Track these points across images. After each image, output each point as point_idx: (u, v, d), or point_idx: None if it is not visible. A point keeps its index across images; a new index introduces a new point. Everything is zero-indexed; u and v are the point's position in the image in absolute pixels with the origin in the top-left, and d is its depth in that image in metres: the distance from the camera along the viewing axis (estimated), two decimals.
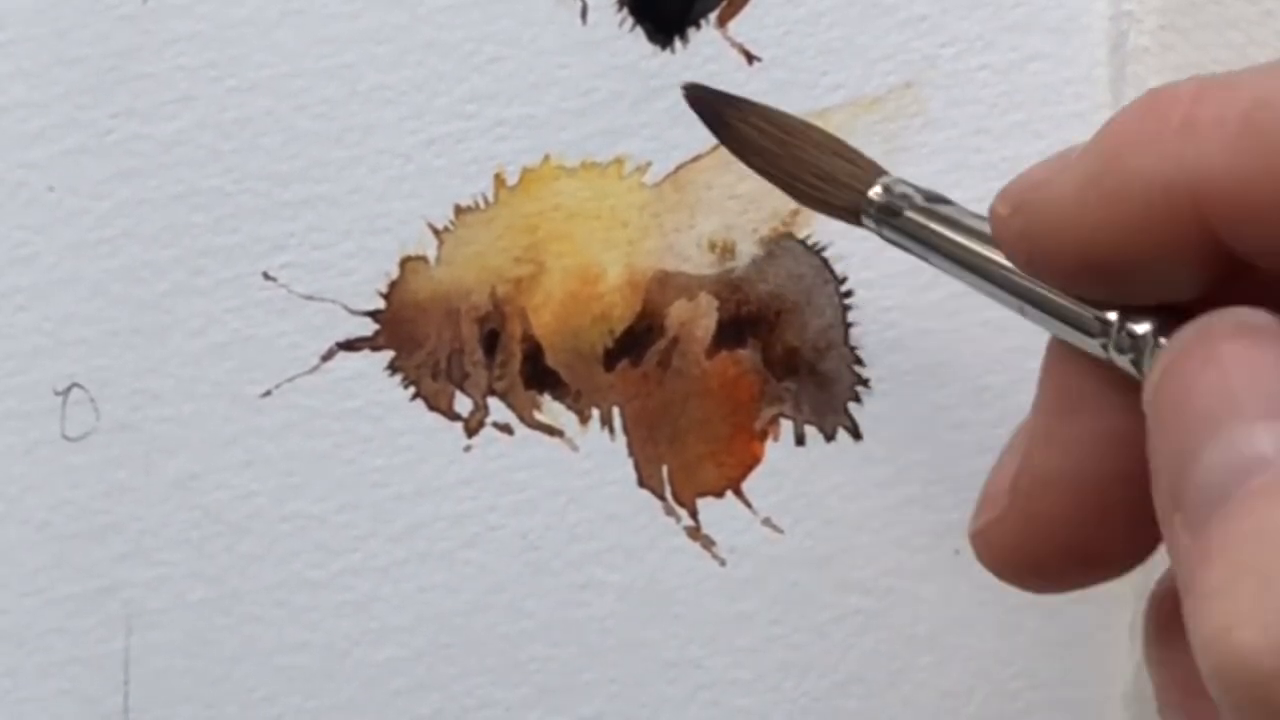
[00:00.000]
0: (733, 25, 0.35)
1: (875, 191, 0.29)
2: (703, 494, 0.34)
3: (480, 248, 0.35)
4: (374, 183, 0.35)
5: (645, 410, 0.34)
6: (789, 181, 0.30)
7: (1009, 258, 0.26)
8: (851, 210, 0.29)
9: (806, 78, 0.34)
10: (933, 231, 0.28)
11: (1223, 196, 0.22)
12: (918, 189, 0.28)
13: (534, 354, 0.34)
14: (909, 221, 0.28)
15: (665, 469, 0.34)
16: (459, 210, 0.35)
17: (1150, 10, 0.33)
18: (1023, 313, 0.26)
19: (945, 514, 0.33)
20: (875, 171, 0.29)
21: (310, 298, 0.35)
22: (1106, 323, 0.25)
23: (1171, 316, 0.24)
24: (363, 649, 0.34)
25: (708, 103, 0.31)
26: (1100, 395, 0.25)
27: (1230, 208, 0.22)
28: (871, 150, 0.34)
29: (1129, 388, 0.24)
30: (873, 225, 0.29)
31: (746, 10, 0.35)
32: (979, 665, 0.33)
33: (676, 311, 0.34)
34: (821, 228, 0.34)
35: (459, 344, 0.34)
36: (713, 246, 0.34)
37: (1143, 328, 0.24)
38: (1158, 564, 0.26)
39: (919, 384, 0.34)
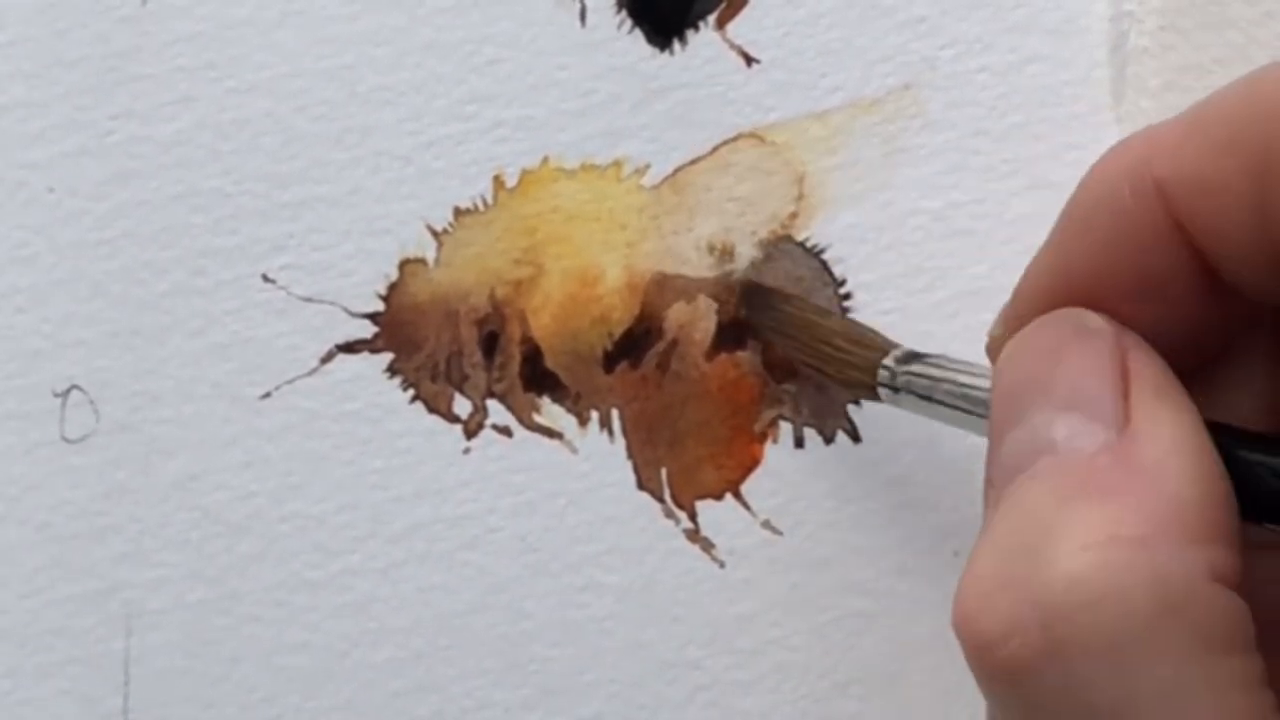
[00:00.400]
0: (732, 27, 0.35)
1: (882, 375, 0.30)
2: (702, 496, 0.34)
3: (479, 250, 0.35)
4: (373, 184, 0.35)
5: (644, 412, 0.34)
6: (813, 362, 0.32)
7: None
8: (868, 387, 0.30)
9: (805, 79, 0.34)
10: (937, 396, 0.29)
11: (1182, 183, 0.23)
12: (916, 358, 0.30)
13: (533, 356, 0.34)
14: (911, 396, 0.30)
15: (664, 471, 0.34)
16: (458, 212, 0.35)
17: (1150, 11, 0.33)
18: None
19: (945, 515, 0.33)
20: (883, 350, 0.30)
21: (309, 300, 0.35)
22: None
23: None
24: (362, 650, 0.34)
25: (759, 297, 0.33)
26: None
27: (1189, 192, 0.23)
28: (871, 152, 0.34)
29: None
30: (889, 396, 0.30)
31: (745, 12, 0.35)
32: None
33: (675, 314, 0.34)
34: (820, 230, 0.34)
35: (458, 346, 0.34)
36: (712, 249, 0.34)
37: None
38: None
39: None
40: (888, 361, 0.30)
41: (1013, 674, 0.22)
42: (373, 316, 0.35)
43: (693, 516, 0.34)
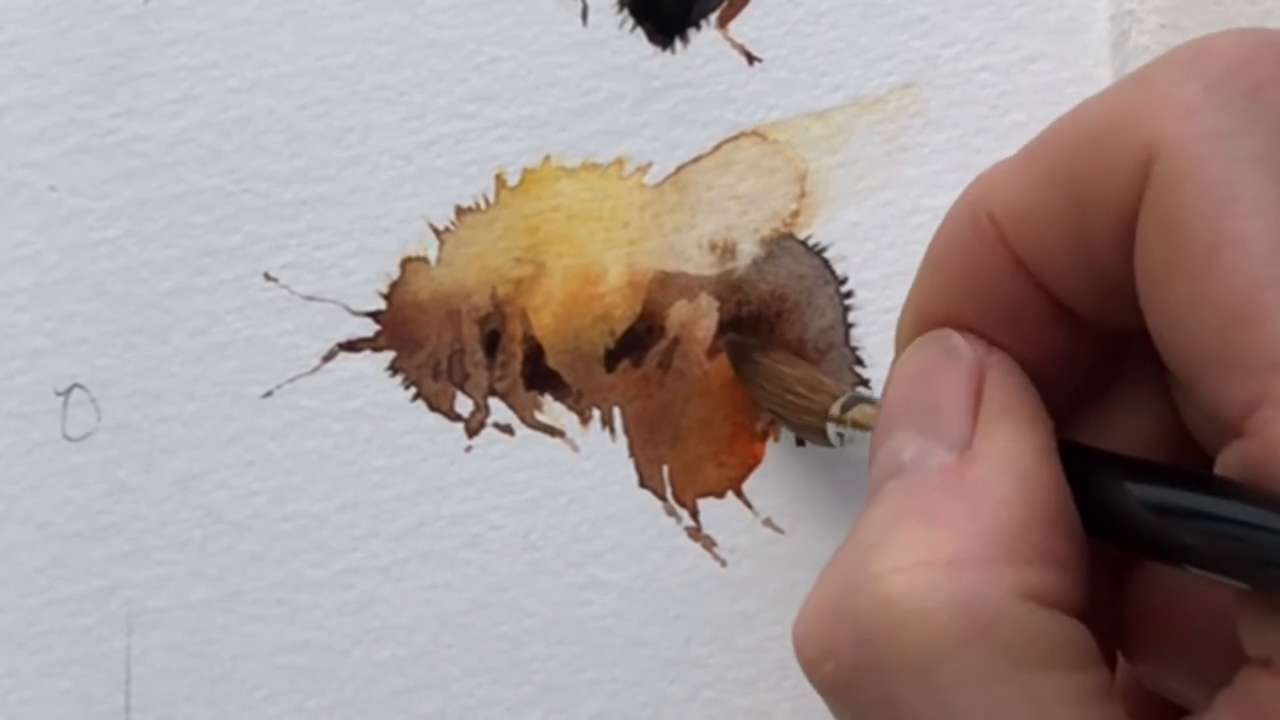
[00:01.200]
0: (733, 26, 0.35)
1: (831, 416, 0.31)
2: (703, 494, 0.34)
3: (481, 248, 0.35)
4: (375, 183, 0.35)
5: (646, 411, 0.34)
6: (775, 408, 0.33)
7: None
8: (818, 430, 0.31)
9: (807, 78, 0.34)
10: None
11: (1011, 212, 0.24)
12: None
13: (535, 355, 0.34)
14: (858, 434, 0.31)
15: (666, 469, 0.34)
16: (460, 211, 0.35)
17: (1151, 10, 0.33)
18: None
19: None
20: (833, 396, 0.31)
21: (311, 298, 0.35)
22: None
23: None
24: (364, 648, 0.34)
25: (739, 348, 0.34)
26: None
27: (1018, 221, 0.24)
28: (872, 150, 0.34)
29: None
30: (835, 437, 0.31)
31: (747, 11, 0.35)
32: None
33: (677, 312, 0.34)
34: (822, 229, 0.34)
35: (460, 345, 0.34)
36: (713, 247, 0.34)
37: None
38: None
39: None
40: (834, 408, 0.31)
41: (834, 690, 0.23)
42: (374, 315, 0.35)
43: (694, 515, 0.34)
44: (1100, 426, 0.26)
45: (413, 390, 0.34)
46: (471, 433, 0.34)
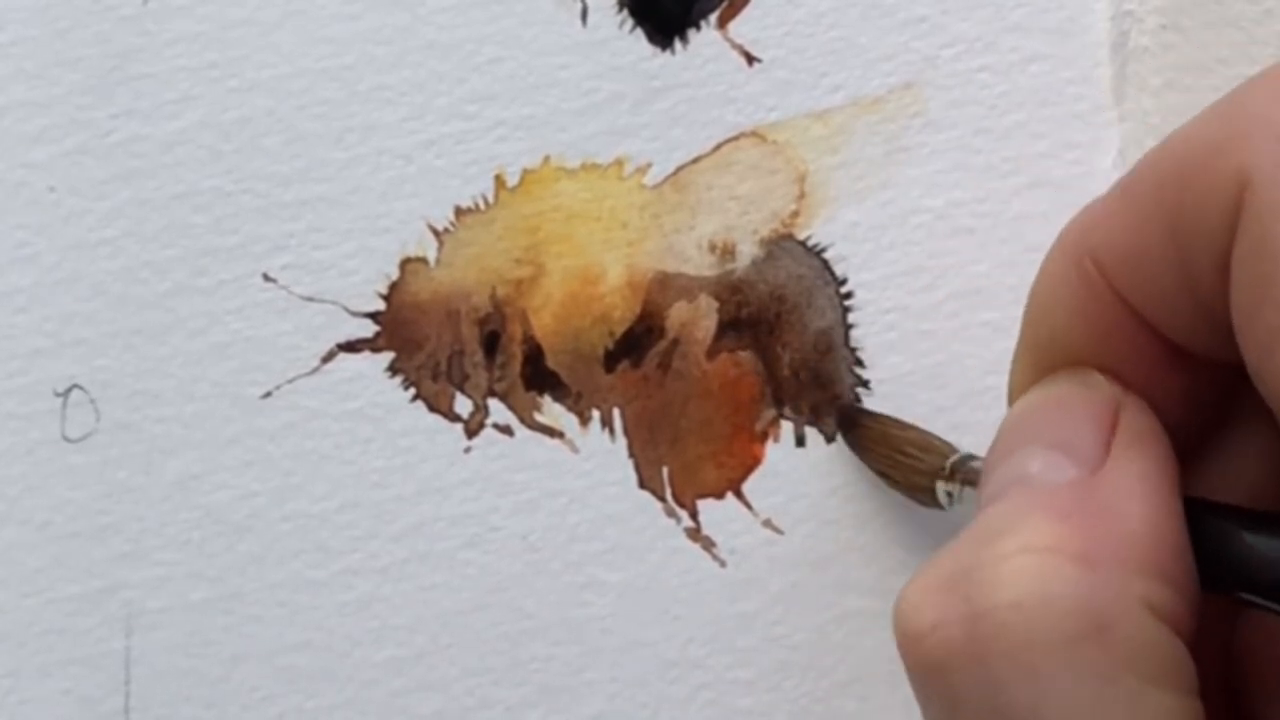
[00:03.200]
0: (733, 26, 0.35)
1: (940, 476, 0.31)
2: (703, 495, 0.34)
3: (480, 249, 0.35)
4: (374, 183, 0.35)
5: (645, 411, 0.34)
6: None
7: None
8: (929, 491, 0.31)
9: (807, 78, 0.34)
10: None
11: (1114, 248, 0.24)
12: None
13: (534, 355, 0.34)
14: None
15: (666, 470, 0.34)
16: (459, 211, 0.35)
17: (1151, 10, 0.33)
18: None
19: (946, 514, 0.33)
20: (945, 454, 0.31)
21: (310, 299, 0.35)
22: None
23: None
24: (363, 649, 0.34)
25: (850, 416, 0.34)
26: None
27: (1120, 256, 0.24)
28: (872, 151, 0.34)
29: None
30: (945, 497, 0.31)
31: (747, 11, 0.35)
32: None
33: (677, 313, 0.34)
34: (822, 229, 0.34)
35: (459, 345, 0.34)
36: (713, 248, 0.34)
37: None
38: None
39: (919, 385, 0.34)
40: (946, 465, 0.31)
41: (933, 667, 0.23)
42: (374, 316, 0.35)
43: (694, 515, 0.34)
44: (1218, 462, 0.25)
45: (412, 391, 0.34)
46: (471, 433, 0.34)
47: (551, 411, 0.34)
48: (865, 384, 0.34)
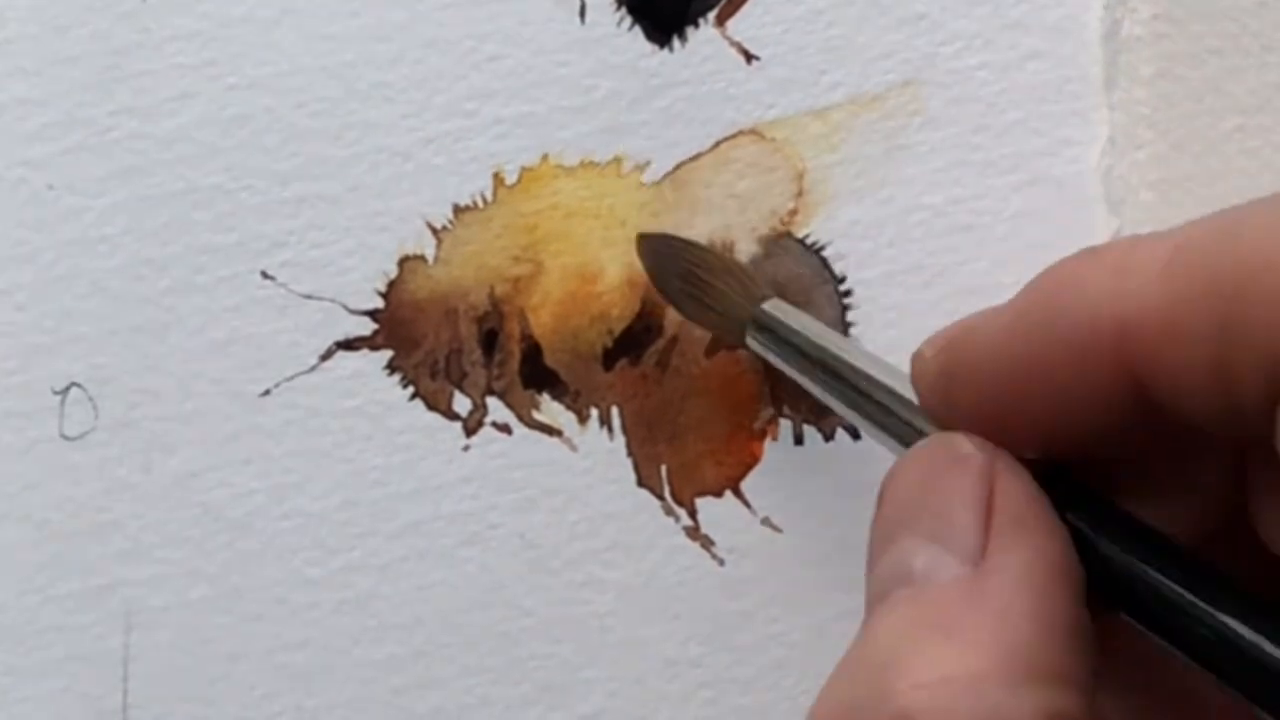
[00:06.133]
0: (731, 24, 0.35)
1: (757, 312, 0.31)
2: (702, 493, 0.34)
3: (479, 247, 0.35)
4: (373, 181, 0.35)
5: (644, 410, 0.34)
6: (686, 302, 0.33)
7: (922, 401, 0.26)
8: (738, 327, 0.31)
9: (806, 76, 0.34)
10: (797, 346, 0.30)
11: (1145, 327, 0.23)
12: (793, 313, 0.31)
13: (533, 353, 0.34)
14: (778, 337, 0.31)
15: (664, 468, 0.34)
16: (458, 209, 0.35)
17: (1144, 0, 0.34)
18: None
19: None
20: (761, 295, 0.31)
21: (309, 297, 0.35)
22: None
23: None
24: (362, 647, 0.34)
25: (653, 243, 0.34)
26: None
27: (1151, 337, 0.23)
28: (871, 148, 0.34)
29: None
30: (755, 340, 0.31)
31: (745, 9, 0.35)
32: None
33: (675, 311, 0.34)
34: (821, 227, 0.34)
35: (458, 343, 0.34)
36: (712, 245, 0.34)
37: None
38: None
39: None
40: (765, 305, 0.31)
41: None
42: (372, 314, 0.35)
43: (692, 513, 0.34)
44: (1157, 495, 0.25)
45: (411, 389, 0.34)
46: (469, 431, 0.34)
47: (550, 410, 0.34)
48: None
